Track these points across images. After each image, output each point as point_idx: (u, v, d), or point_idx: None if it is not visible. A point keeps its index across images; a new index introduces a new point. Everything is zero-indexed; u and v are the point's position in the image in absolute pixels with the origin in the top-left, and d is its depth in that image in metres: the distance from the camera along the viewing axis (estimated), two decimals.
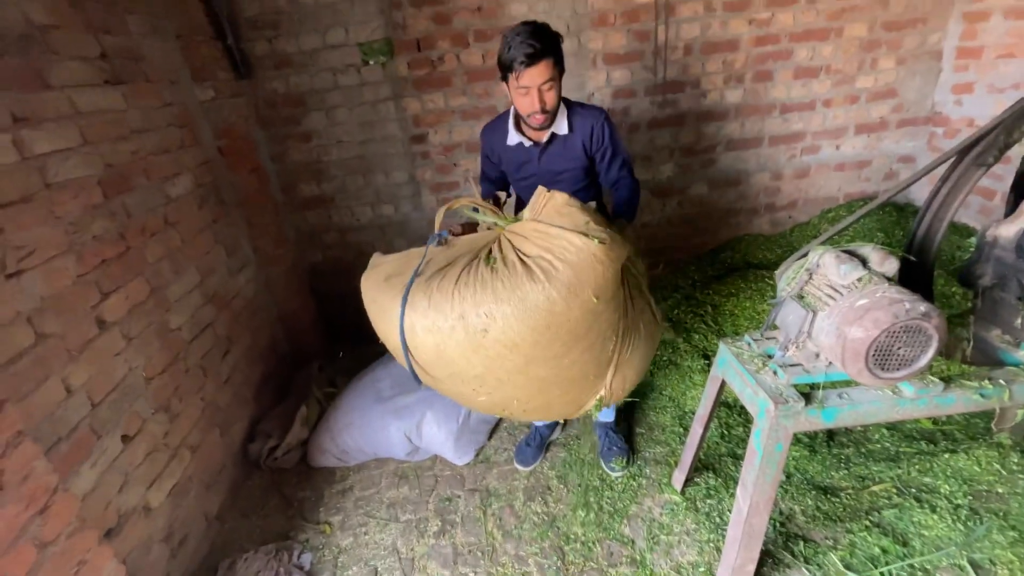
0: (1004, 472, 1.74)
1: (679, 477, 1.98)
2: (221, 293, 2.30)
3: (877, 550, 1.64)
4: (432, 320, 1.32)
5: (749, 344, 1.57)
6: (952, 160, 1.47)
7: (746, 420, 2.25)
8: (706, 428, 1.85)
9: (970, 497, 1.71)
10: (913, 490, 1.81)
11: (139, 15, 1.99)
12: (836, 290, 1.32)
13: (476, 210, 1.63)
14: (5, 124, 1.38)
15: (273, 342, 2.74)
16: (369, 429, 2.21)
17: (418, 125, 2.70)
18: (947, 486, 1.77)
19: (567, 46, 2.55)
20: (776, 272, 1.55)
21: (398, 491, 2.15)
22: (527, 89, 1.61)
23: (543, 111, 1.66)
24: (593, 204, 1.86)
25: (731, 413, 2.28)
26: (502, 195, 1.96)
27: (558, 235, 1.35)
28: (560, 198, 1.45)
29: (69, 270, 1.50)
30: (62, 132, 1.56)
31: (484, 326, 1.30)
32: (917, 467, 1.88)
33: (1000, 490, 1.70)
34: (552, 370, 1.44)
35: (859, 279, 1.29)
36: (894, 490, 1.83)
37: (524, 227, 1.44)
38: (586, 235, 1.33)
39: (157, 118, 2.02)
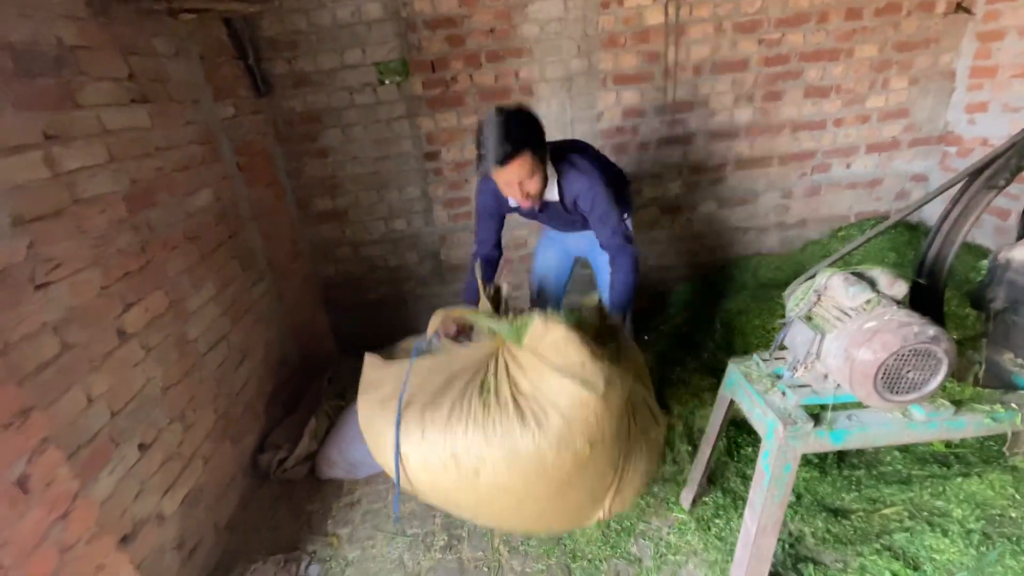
0: (1018, 497, 1.71)
1: (687, 496, 1.97)
2: (236, 305, 2.35)
3: (888, 574, 1.62)
4: (425, 455, 1.35)
5: (758, 364, 1.57)
6: (963, 182, 1.48)
7: (755, 439, 2.23)
8: (714, 447, 1.84)
9: (983, 521, 1.69)
10: (925, 514, 1.78)
11: (165, 37, 2.07)
12: (844, 312, 1.33)
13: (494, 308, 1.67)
14: (37, 141, 1.44)
15: (285, 354, 2.78)
16: None
17: (431, 143, 2.75)
18: (960, 510, 1.75)
19: (577, 65, 2.60)
20: (785, 293, 1.55)
21: (405, 505, 2.16)
22: (508, 182, 1.61)
23: (527, 198, 1.65)
24: (595, 300, 1.82)
25: (740, 432, 2.27)
26: (504, 286, 1.83)
27: (552, 377, 1.34)
28: (557, 332, 1.40)
29: (94, 282, 1.55)
30: (91, 149, 1.62)
31: (475, 468, 1.32)
32: (929, 490, 1.85)
33: (1013, 515, 1.67)
34: (546, 506, 1.44)
35: (867, 301, 1.30)
36: (906, 513, 1.80)
37: (521, 355, 1.43)
38: (580, 382, 1.31)
39: (180, 136, 2.09)
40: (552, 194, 1.71)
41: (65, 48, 1.59)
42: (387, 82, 2.61)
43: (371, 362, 1.68)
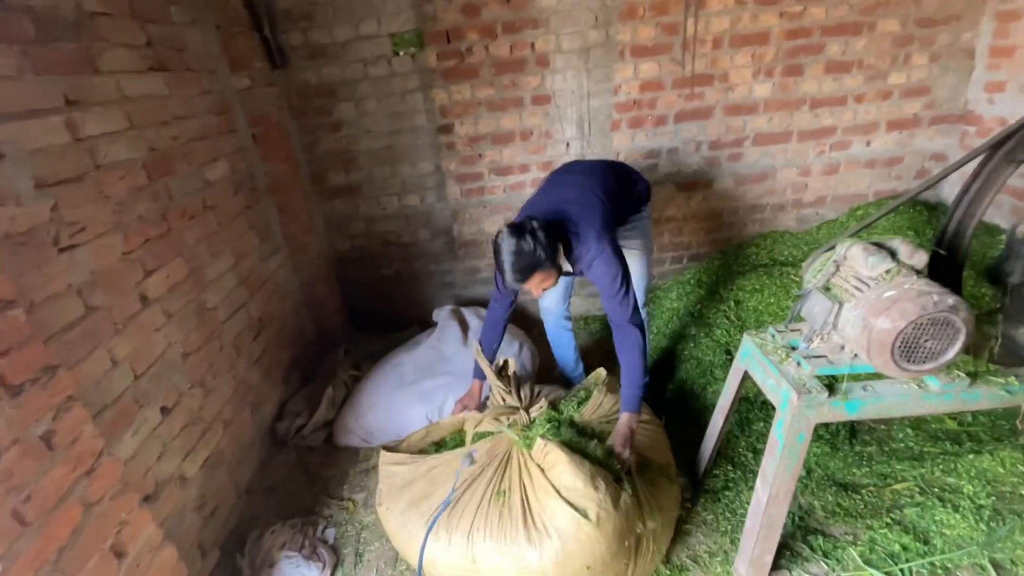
0: None
1: (698, 467, 1.99)
2: (253, 276, 2.38)
3: (897, 547, 1.64)
4: (450, 559, 1.50)
5: (773, 336, 1.57)
6: (983, 156, 1.45)
7: (766, 415, 2.24)
8: (727, 419, 1.86)
9: (993, 498, 1.70)
10: (936, 489, 1.79)
11: (181, 6, 2.06)
12: (863, 282, 1.32)
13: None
14: (59, 106, 1.45)
15: (301, 326, 2.82)
16: (392, 411, 2.27)
17: (445, 116, 2.74)
18: (970, 486, 1.76)
19: (594, 36, 2.56)
20: (803, 264, 1.55)
21: None
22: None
23: (544, 290, 1.73)
24: (602, 375, 2.00)
25: (751, 407, 2.28)
26: (511, 361, 1.96)
27: (551, 498, 1.44)
28: (554, 456, 1.49)
29: (116, 247, 1.58)
30: (110, 115, 1.63)
31: (492, 573, 1.46)
32: (941, 467, 1.86)
33: (1023, 492, 1.68)
34: None
35: (887, 271, 1.29)
36: (916, 489, 1.82)
37: (531, 465, 1.54)
38: (576, 508, 1.39)
39: (197, 105, 2.09)
40: (566, 266, 1.78)
41: (85, 14, 1.59)
42: (401, 53, 2.59)
43: (389, 458, 1.80)
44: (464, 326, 2.58)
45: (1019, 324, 1.46)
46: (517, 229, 1.60)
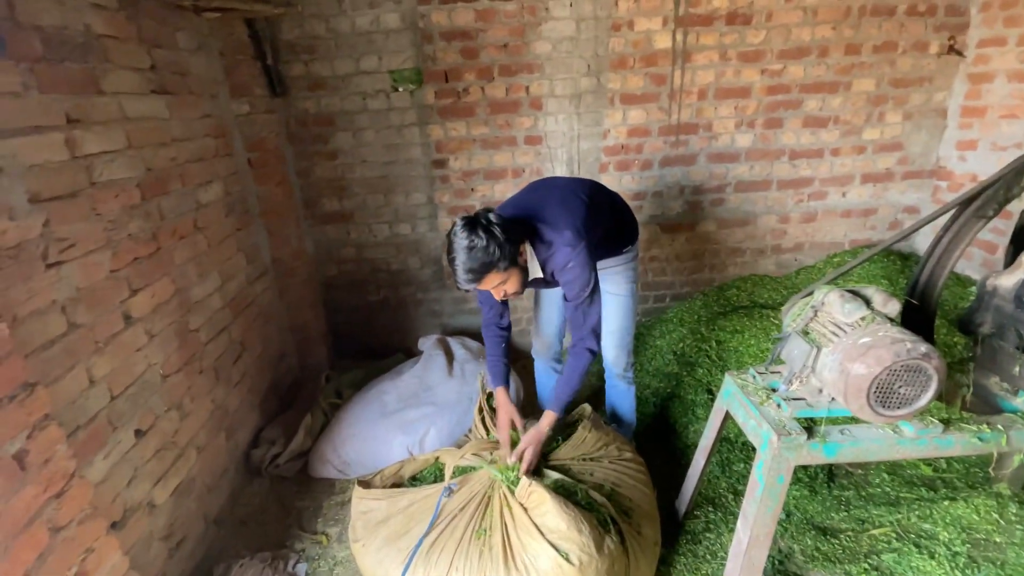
0: (1002, 522, 1.74)
1: (679, 508, 1.98)
2: (238, 299, 2.36)
3: None
4: None
5: (754, 377, 1.61)
6: (954, 211, 1.54)
7: (746, 456, 2.25)
8: (708, 459, 1.87)
9: (968, 545, 1.71)
10: (912, 535, 1.81)
11: (188, 32, 2.12)
12: (840, 327, 1.37)
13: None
14: (60, 124, 1.47)
15: (283, 351, 2.78)
16: (373, 442, 2.23)
17: (440, 151, 2.81)
18: (946, 533, 1.77)
19: (586, 83, 2.68)
20: (783, 308, 1.60)
21: None
22: (483, 290, 1.64)
23: (506, 295, 1.67)
24: (587, 411, 1.97)
25: (732, 448, 2.29)
26: (517, 421, 1.86)
27: (533, 538, 1.44)
28: (538, 496, 1.48)
29: (104, 265, 1.57)
30: (110, 135, 1.65)
31: None
32: (917, 513, 1.88)
33: (998, 539, 1.70)
34: None
35: (862, 318, 1.34)
36: (893, 534, 1.83)
37: (514, 504, 1.53)
38: (557, 551, 1.39)
39: (196, 128, 2.12)
40: (536, 270, 1.71)
41: (93, 36, 1.63)
42: (400, 89, 2.67)
43: (364, 494, 1.74)
44: (450, 356, 2.58)
45: (990, 373, 1.51)
46: (470, 222, 1.47)
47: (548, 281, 1.79)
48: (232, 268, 2.32)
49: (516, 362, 2.95)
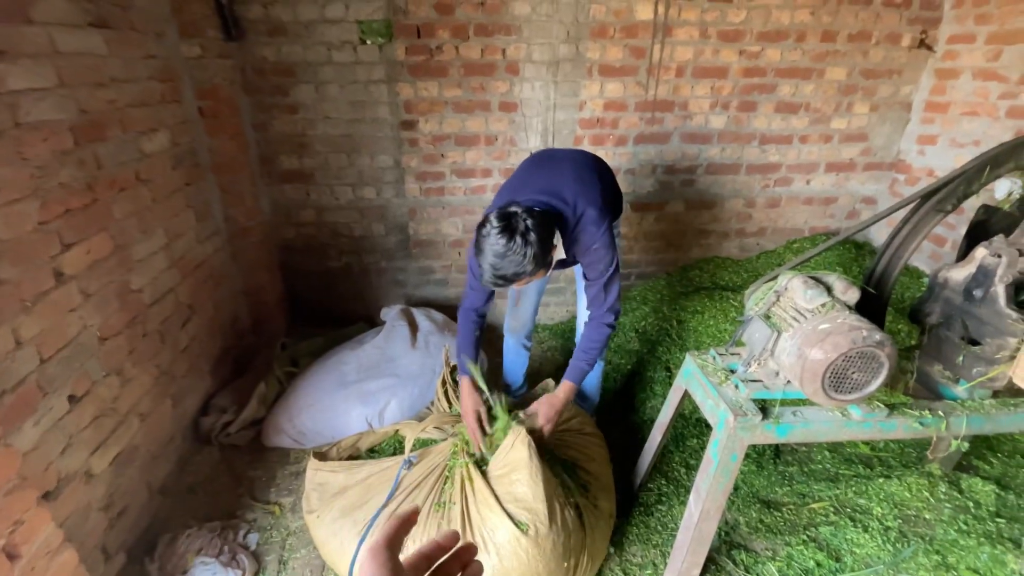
0: (932, 500, 1.87)
1: (634, 481, 2.03)
2: (187, 259, 2.22)
3: (812, 563, 1.73)
4: None
5: (714, 358, 1.63)
6: (915, 204, 1.58)
7: (699, 432, 2.33)
8: (665, 435, 1.91)
9: (900, 520, 1.83)
10: (848, 510, 1.92)
11: None
12: (801, 313, 1.39)
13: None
14: None
15: (235, 316, 2.66)
16: (330, 412, 2.17)
17: (409, 111, 2.68)
18: (880, 508, 1.89)
19: (565, 51, 2.59)
20: (746, 292, 1.62)
21: None
22: None
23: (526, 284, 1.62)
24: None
25: (686, 424, 2.36)
26: (483, 416, 1.76)
27: (492, 511, 1.42)
28: (519, 454, 1.46)
29: (31, 215, 1.43)
30: (39, 70, 1.47)
31: None
32: (854, 489, 1.99)
33: (927, 516, 1.82)
34: None
35: (823, 304, 1.37)
36: (831, 508, 1.93)
37: (476, 477, 1.51)
38: (516, 522, 1.37)
39: (138, 69, 1.93)
40: (559, 254, 1.63)
41: None
42: (368, 42, 2.51)
43: (319, 466, 1.70)
44: (413, 327, 2.52)
45: (934, 361, 1.59)
46: (507, 227, 1.39)
47: (565, 261, 1.74)
48: (180, 225, 2.17)
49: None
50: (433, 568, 0.47)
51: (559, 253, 1.63)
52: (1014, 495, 1.88)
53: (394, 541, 0.45)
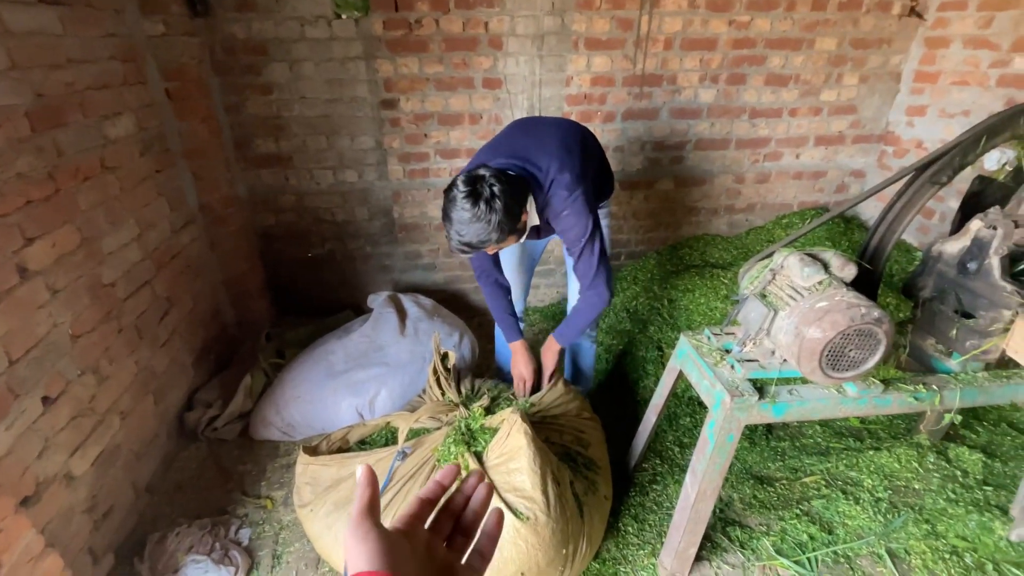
0: (921, 470, 1.90)
1: (629, 462, 2.03)
2: (161, 250, 2.12)
3: (805, 537, 1.76)
4: None
5: (709, 338, 1.61)
6: (909, 176, 1.55)
7: (692, 411, 2.33)
8: (659, 416, 1.90)
9: (890, 491, 1.86)
10: (840, 483, 1.94)
11: None
12: (797, 291, 1.37)
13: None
14: None
15: (217, 307, 2.58)
16: (319, 403, 2.13)
17: (389, 90, 2.57)
18: (870, 480, 1.91)
19: (550, 23, 2.50)
20: (740, 271, 1.59)
21: None
22: None
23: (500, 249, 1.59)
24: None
25: (679, 403, 2.36)
26: (451, 354, 1.90)
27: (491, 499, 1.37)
28: (516, 441, 1.43)
29: None
30: None
31: None
32: (844, 462, 2.02)
33: (917, 486, 1.85)
34: None
35: (820, 282, 1.34)
36: (823, 482, 1.95)
37: (473, 465, 1.48)
38: (513, 511, 1.35)
39: (98, 49, 1.81)
40: (533, 220, 1.59)
41: None
42: (344, 16, 2.39)
43: (309, 460, 1.66)
44: (402, 314, 2.47)
45: (927, 335, 1.58)
46: (472, 192, 1.35)
47: (540, 229, 1.69)
48: (152, 215, 2.07)
49: (472, 319, 2.89)
50: (438, 508, 0.46)
51: (532, 219, 1.58)
52: (1000, 463, 1.92)
53: (369, 508, 0.43)
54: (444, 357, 1.86)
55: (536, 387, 1.93)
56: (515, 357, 1.93)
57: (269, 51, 2.42)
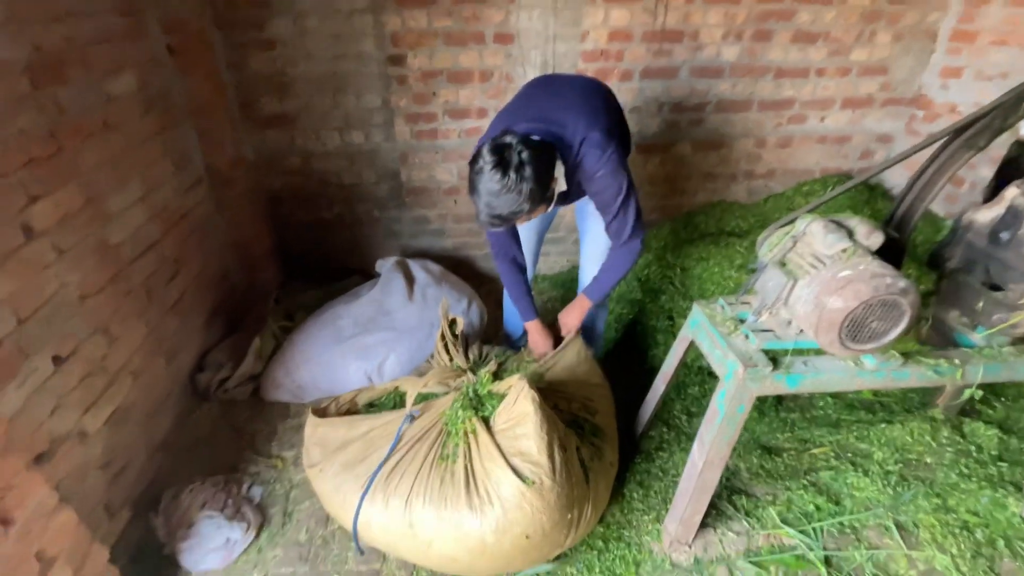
0: (934, 444, 1.87)
1: (636, 429, 2.03)
2: (168, 211, 2.10)
3: (812, 507, 1.75)
4: (387, 521, 1.45)
5: (723, 307, 1.57)
6: (943, 140, 1.46)
7: (701, 380, 2.31)
8: (668, 384, 1.88)
9: (900, 464, 1.83)
10: (849, 455, 1.92)
11: None
12: (820, 259, 1.31)
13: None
14: None
15: (225, 270, 2.57)
16: (328, 366, 2.14)
17: (397, 45, 2.47)
18: (880, 453, 1.89)
19: None
20: (758, 238, 1.53)
21: None
22: None
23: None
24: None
25: (688, 372, 2.34)
26: (460, 320, 1.87)
27: (497, 464, 1.39)
28: (523, 407, 1.41)
29: None
30: None
31: (429, 539, 1.42)
32: (855, 434, 1.99)
33: (928, 460, 1.83)
34: (497, 568, 1.50)
35: (844, 250, 1.29)
36: (832, 453, 1.94)
37: (480, 429, 1.47)
38: (520, 476, 1.35)
39: (96, 1, 1.75)
40: (560, 185, 1.52)
41: None
42: None
43: (318, 422, 1.67)
44: (410, 279, 2.45)
45: (951, 308, 1.53)
46: (501, 161, 1.29)
47: (569, 194, 1.63)
48: (157, 175, 2.04)
49: (481, 287, 2.86)
50: None
51: (560, 185, 1.52)
52: (1016, 439, 1.88)
53: None
54: (452, 323, 1.85)
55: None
56: (532, 336, 1.94)
57: (272, 4, 2.32)
